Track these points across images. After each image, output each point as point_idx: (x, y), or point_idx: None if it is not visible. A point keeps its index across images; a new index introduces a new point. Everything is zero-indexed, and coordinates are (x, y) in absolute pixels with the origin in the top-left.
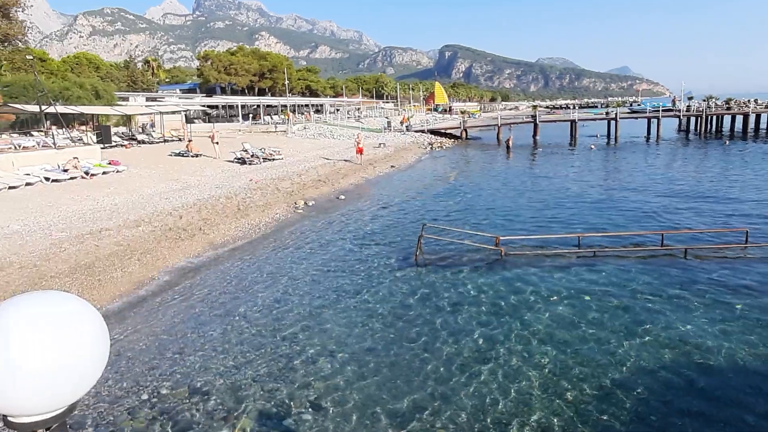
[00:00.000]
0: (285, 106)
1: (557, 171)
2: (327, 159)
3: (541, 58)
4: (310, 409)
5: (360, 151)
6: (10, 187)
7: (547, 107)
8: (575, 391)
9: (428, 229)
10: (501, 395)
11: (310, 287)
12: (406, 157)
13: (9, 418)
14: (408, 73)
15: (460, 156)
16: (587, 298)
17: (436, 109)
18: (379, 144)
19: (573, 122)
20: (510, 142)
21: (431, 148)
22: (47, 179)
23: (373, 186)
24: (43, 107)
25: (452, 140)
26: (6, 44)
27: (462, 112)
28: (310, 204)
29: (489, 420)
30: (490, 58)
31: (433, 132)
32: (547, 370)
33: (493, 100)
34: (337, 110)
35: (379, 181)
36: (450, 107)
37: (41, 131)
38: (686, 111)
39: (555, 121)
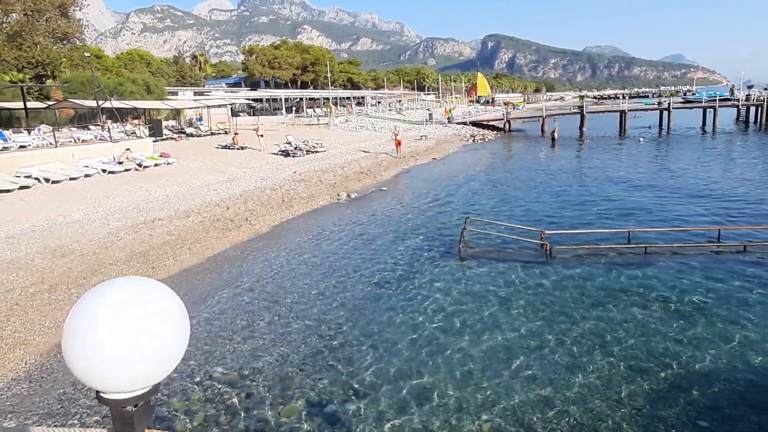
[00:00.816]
0: (327, 98)
1: (605, 164)
2: (368, 151)
3: (589, 46)
4: (353, 398)
5: (398, 143)
6: (70, 179)
7: (594, 97)
8: (623, 396)
9: (471, 222)
10: (546, 395)
11: (353, 278)
12: (448, 150)
13: (101, 394)
14: (450, 65)
15: (503, 148)
16: (636, 297)
17: (478, 101)
18: (421, 136)
19: (622, 113)
20: (555, 134)
21: (473, 140)
22: (104, 171)
23: (415, 178)
24: (100, 102)
25: (495, 132)
26: (65, 42)
27: (505, 104)
28: (353, 196)
29: (533, 420)
30: (534, 48)
31: (476, 124)
32: (592, 372)
33: (537, 90)
34: (379, 102)
35: (421, 173)
36: (493, 99)
37: (98, 125)
38: (745, 100)
39: (603, 111)
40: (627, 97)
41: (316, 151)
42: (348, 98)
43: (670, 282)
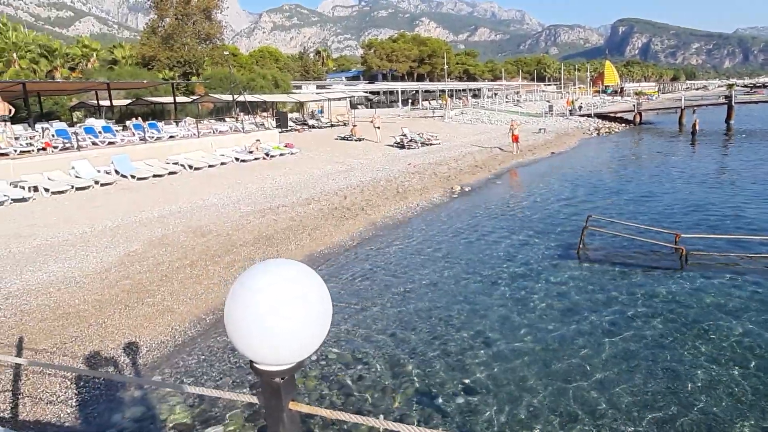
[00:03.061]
0: (443, 91)
1: (756, 161)
2: (483, 145)
3: (740, 28)
4: (462, 392)
5: (515, 139)
6: (209, 166)
7: (745, 86)
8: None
9: (593, 221)
10: (672, 416)
11: (465, 271)
12: (569, 143)
13: (254, 364)
14: (574, 53)
15: (632, 142)
16: None
17: (605, 91)
18: (539, 129)
19: None
20: (696, 127)
21: (598, 133)
22: (237, 159)
23: (532, 173)
24: (235, 96)
25: (623, 125)
26: (208, 42)
27: (636, 94)
28: (467, 189)
29: None
30: (673, 32)
31: (601, 116)
32: (729, 397)
33: (675, 79)
34: (495, 95)
35: (538, 167)
36: (622, 88)
37: (233, 117)
38: None
39: (757, 102)
40: None
41: (431, 144)
42: (464, 90)
43: None
